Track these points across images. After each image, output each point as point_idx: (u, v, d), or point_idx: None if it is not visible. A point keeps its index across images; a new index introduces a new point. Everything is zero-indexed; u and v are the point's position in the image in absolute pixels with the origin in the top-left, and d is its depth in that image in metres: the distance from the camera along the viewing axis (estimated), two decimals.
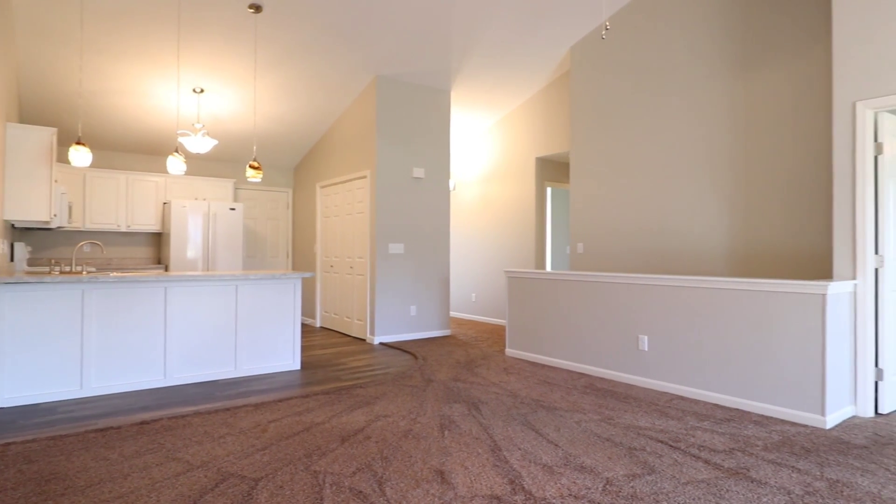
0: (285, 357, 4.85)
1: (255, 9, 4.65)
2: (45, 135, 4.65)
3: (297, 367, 4.90)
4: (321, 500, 2.29)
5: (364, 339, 6.45)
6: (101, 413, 3.52)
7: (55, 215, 5.71)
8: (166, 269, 7.00)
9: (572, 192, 6.17)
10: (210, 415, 3.47)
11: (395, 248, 6.35)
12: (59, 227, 6.36)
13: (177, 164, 4.97)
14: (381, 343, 6.20)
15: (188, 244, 7.02)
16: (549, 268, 7.82)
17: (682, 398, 3.91)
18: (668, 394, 4.03)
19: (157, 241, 7.52)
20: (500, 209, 7.93)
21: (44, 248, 6.76)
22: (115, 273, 4.35)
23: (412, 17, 5.14)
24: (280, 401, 3.79)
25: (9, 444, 2.91)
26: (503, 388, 4.18)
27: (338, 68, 5.92)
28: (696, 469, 2.63)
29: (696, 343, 3.93)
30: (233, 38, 5.11)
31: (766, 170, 4.52)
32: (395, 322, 6.37)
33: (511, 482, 2.47)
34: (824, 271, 4.16)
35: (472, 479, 2.50)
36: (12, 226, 5.48)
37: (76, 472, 2.56)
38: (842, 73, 3.63)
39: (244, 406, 3.66)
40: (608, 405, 3.72)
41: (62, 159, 6.70)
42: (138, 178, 7.10)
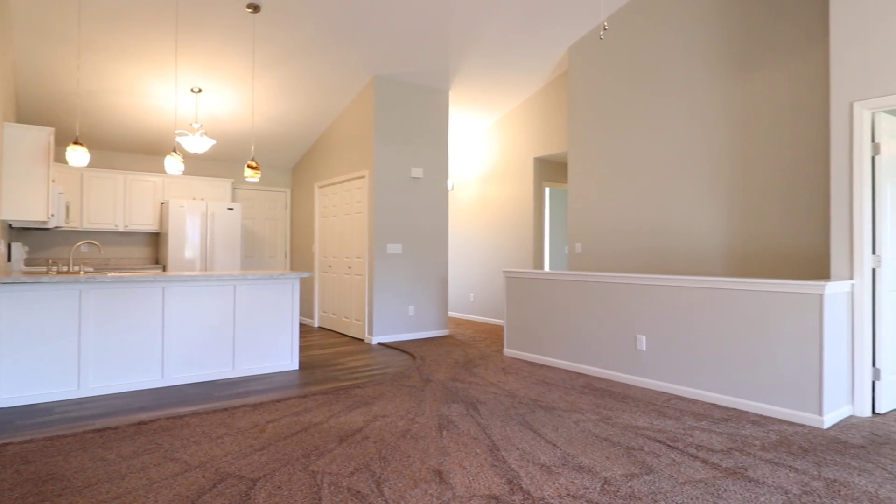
0: (283, 357, 4.85)
1: (254, 8, 4.65)
2: (43, 134, 4.64)
3: (296, 367, 4.90)
4: (319, 500, 2.29)
5: (362, 340, 6.45)
6: (98, 413, 3.52)
7: (52, 215, 5.70)
8: (164, 269, 6.99)
9: (570, 192, 6.18)
10: (208, 415, 3.46)
11: (394, 248, 6.35)
12: (56, 227, 6.35)
13: (175, 163, 4.96)
14: (379, 343, 6.20)
15: (186, 244, 7.01)
16: (547, 268, 7.82)
17: (680, 398, 3.92)
18: (666, 394, 4.04)
19: (155, 241, 7.51)
20: (498, 209, 7.93)
21: (41, 248, 6.75)
22: (112, 273, 4.34)
23: (410, 17, 5.14)
24: (278, 401, 3.79)
25: (6, 444, 2.90)
26: (501, 388, 4.18)
27: (336, 68, 5.92)
28: (693, 469, 2.64)
29: (694, 343, 3.94)
30: (231, 38, 5.10)
31: (764, 170, 4.53)
32: (394, 322, 6.37)
33: (509, 482, 2.47)
34: (822, 271, 4.17)
35: (471, 479, 2.51)
36: (9, 226, 5.47)
37: (74, 472, 2.56)
38: (839, 74, 3.64)
39: (242, 406, 3.66)
40: (606, 405, 3.73)
41: (59, 159, 6.69)
42: (136, 177, 7.08)
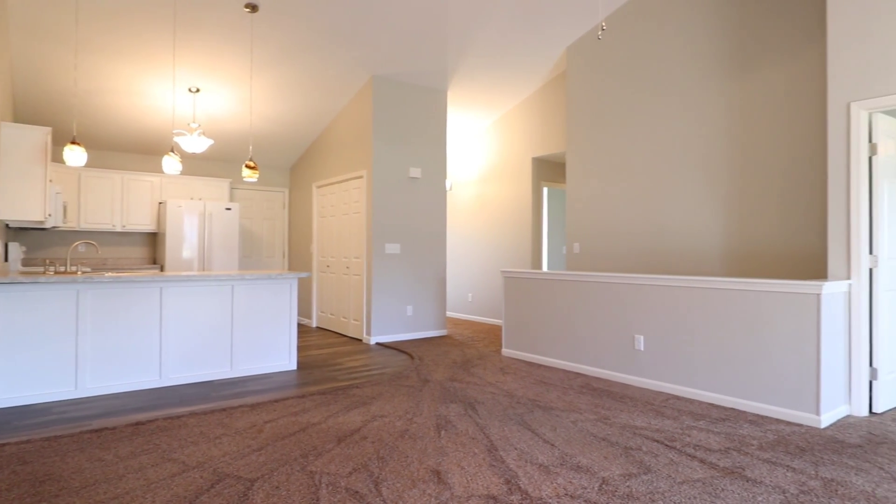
0: (281, 357, 4.84)
1: (251, 8, 4.64)
2: (40, 134, 4.63)
3: (294, 367, 4.89)
4: (317, 500, 2.28)
5: (360, 340, 6.44)
6: (96, 414, 3.51)
7: (50, 215, 5.68)
8: (162, 269, 6.98)
9: (568, 192, 6.18)
10: (206, 415, 3.46)
11: (392, 248, 6.34)
12: (53, 227, 6.33)
13: (172, 163, 4.95)
14: (377, 343, 6.20)
15: (184, 244, 7.00)
16: (545, 268, 7.83)
17: (678, 398, 3.92)
18: (663, 393, 4.04)
19: (153, 241, 7.50)
20: (496, 209, 7.93)
21: (38, 248, 6.73)
22: (110, 273, 4.33)
23: (408, 17, 5.14)
24: (276, 401, 3.79)
25: (3, 444, 2.90)
26: (499, 387, 4.18)
27: (334, 68, 5.91)
28: (691, 468, 2.64)
29: (692, 343, 3.94)
30: (229, 38, 5.09)
31: (761, 170, 4.54)
32: (392, 322, 6.36)
33: (507, 482, 2.47)
34: (819, 271, 4.18)
35: (469, 479, 2.51)
36: (7, 226, 5.45)
37: (71, 473, 2.55)
38: (836, 74, 3.65)
39: (240, 406, 3.65)
40: (604, 405, 3.73)
41: (57, 159, 6.67)
42: (134, 177, 7.07)
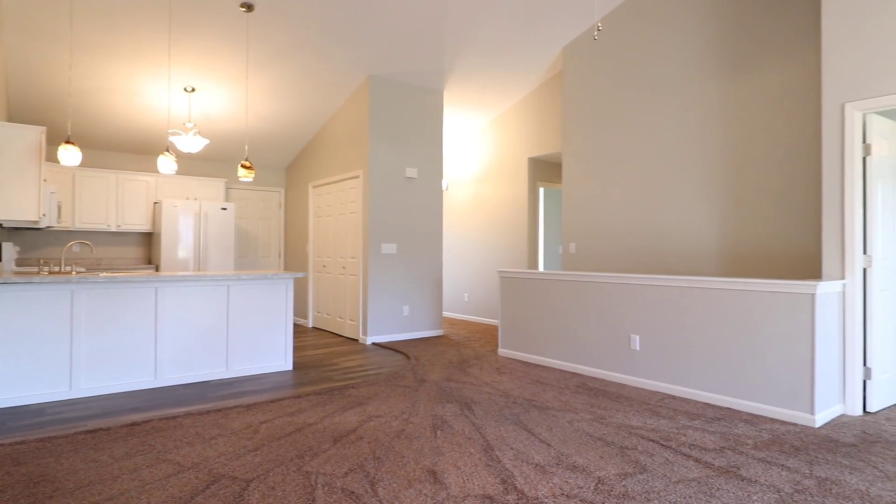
0: (277, 357, 4.83)
1: (247, 8, 4.63)
2: (34, 133, 4.60)
3: (290, 367, 4.88)
4: (313, 500, 2.28)
5: (356, 340, 6.44)
6: (90, 414, 3.49)
7: (44, 215, 5.65)
8: (157, 269, 6.95)
9: (565, 192, 6.19)
10: (201, 416, 3.45)
11: (388, 248, 6.34)
12: (48, 227, 6.30)
13: (168, 163, 4.93)
14: (373, 343, 6.19)
15: (179, 244, 6.98)
16: (541, 268, 7.84)
17: (674, 397, 3.94)
18: (659, 393, 4.05)
19: (148, 241, 7.47)
20: (492, 209, 7.94)
21: (33, 248, 6.70)
22: (104, 273, 4.32)
23: (405, 17, 5.13)
24: (272, 401, 3.78)
25: None
26: (496, 387, 4.19)
27: (330, 68, 5.90)
28: (687, 468, 2.65)
29: (688, 342, 3.95)
30: (224, 37, 5.08)
31: (757, 170, 4.56)
32: (388, 322, 6.36)
33: (503, 482, 2.47)
34: (814, 271, 4.20)
35: (465, 478, 2.51)
36: (1, 225, 5.42)
37: (65, 474, 2.54)
38: (831, 75, 3.67)
39: (236, 407, 3.64)
40: (600, 404, 3.74)
41: (51, 158, 6.64)
42: (129, 177, 7.04)
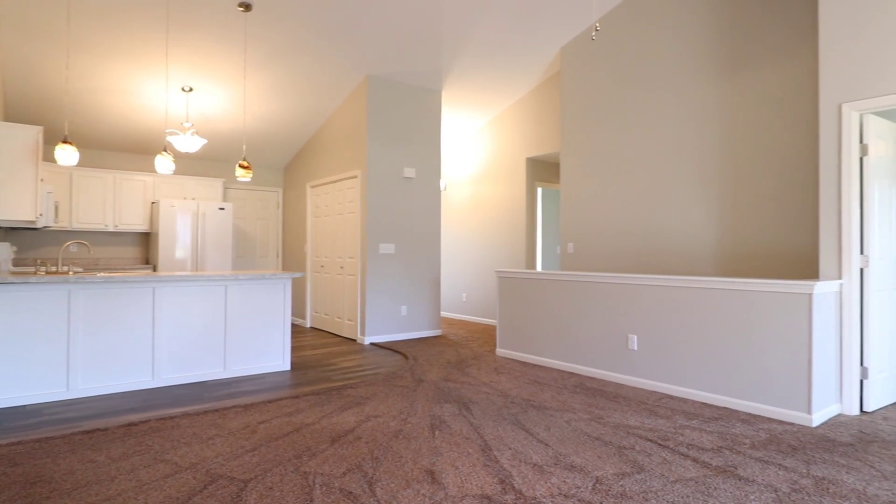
0: (275, 358, 4.82)
1: (245, 7, 4.62)
2: (31, 133, 4.59)
3: (287, 367, 4.88)
4: (311, 501, 2.28)
5: (354, 340, 6.43)
6: (87, 415, 3.49)
7: (41, 215, 5.64)
8: (154, 269, 6.94)
9: (562, 192, 6.20)
10: (199, 416, 3.44)
11: (386, 248, 6.34)
12: (45, 227, 6.28)
13: (165, 163, 4.92)
14: (371, 343, 6.19)
15: (177, 244, 6.96)
16: (539, 268, 7.84)
17: (671, 397, 3.94)
18: (657, 393, 4.06)
19: (146, 241, 7.45)
20: (490, 209, 7.94)
21: (29, 248, 6.68)
22: (102, 273, 4.31)
23: (403, 17, 5.13)
24: (270, 402, 3.77)
25: None
26: (494, 387, 4.19)
27: (328, 68, 5.90)
28: (684, 467, 2.65)
29: (685, 342, 3.96)
30: (222, 37, 5.07)
31: (755, 170, 4.56)
32: (386, 322, 6.36)
33: (501, 482, 2.47)
34: (811, 271, 4.21)
35: (463, 478, 2.51)
36: None
37: (62, 474, 2.53)
38: (828, 76, 3.68)
39: (233, 407, 3.64)
40: (598, 404, 3.74)
41: (48, 158, 6.62)
42: (126, 177, 7.03)
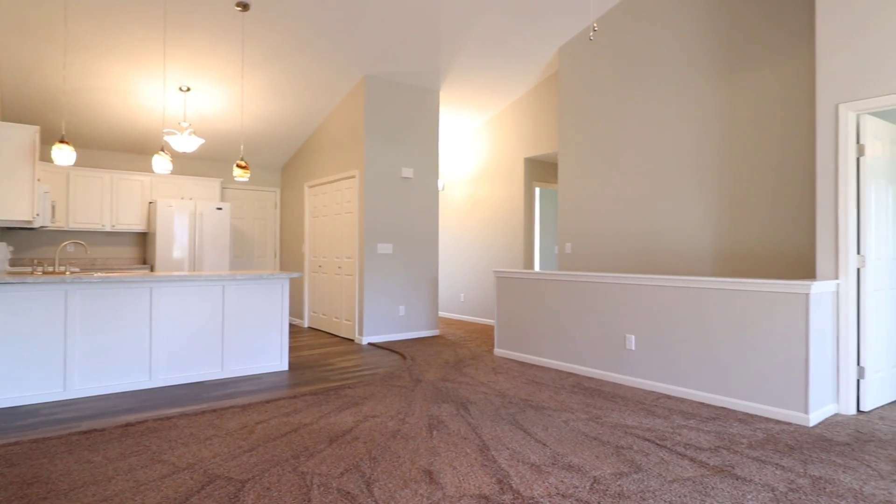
0: (273, 358, 4.82)
1: (243, 7, 4.62)
2: (28, 133, 4.58)
3: (285, 367, 4.87)
4: (309, 501, 2.28)
5: (352, 340, 6.43)
6: (84, 415, 3.48)
7: (38, 215, 5.62)
8: (152, 269, 6.92)
9: (560, 192, 6.20)
10: (196, 416, 3.43)
11: (384, 248, 6.33)
12: (41, 227, 6.27)
13: (163, 163, 4.91)
14: (369, 343, 6.18)
15: (174, 244, 6.95)
16: (537, 268, 7.84)
17: (669, 397, 3.95)
18: (654, 392, 4.07)
19: (143, 241, 7.44)
20: (488, 209, 7.94)
21: (26, 248, 6.66)
22: (99, 273, 4.29)
23: (401, 17, 5.13)
24: (267, 402, 3.77)
25: None
26: (492, 387, 4.19)
27: (326, 68, 5.89)
28: (682, 467, 2.66)
29: (683, 342, 3.97)
30: (220, 37, 5.06)
31: (752, 170, 4.57)
32: (384, 322, 6.35)
33: (499, 482, 2.47)
34: (808, 271, 4.22)
35: (461, 478, 2.51)
36: None
37: (59, 475, 2.52)
38: (825, 76, 3.69)
39: (231, 407, 3.63)
40: (596, 404, 3.75)
41: (45, 158, 6.60)
42: (123, 177, 7.01)
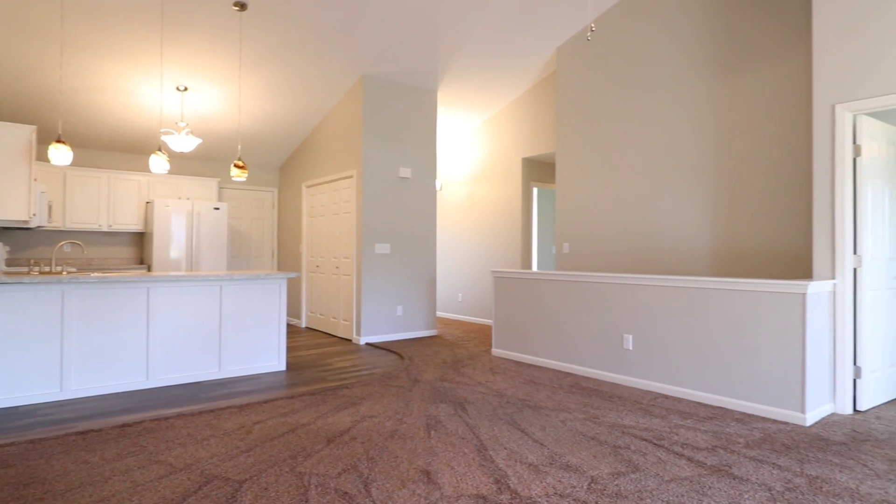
0: (270, 358, 4.81)
1: (240, 7, 4.61)
2: (25, 132, 4.57)
3: (283, 367, 4.87)
4: (306, 501, 2.27)
5: (350, 340, 6.42)
6: (81, 416, 3.47)
7: (34, 214, 5.61)
8: (149, 269, 6.91)
9: (558, 192, 6.21)
10: (193, 416, 3.43)
11: (382, 248, 6.33)
12: (38, 227, 6.25)
13: (160, 162, 4.90)
14: (367, 343, 6.18)
15: (171, 244, 6.94)
16: (535, 268, 7.85)
17: (666, 396, 3.95)
18: (652, 392, 4.07)
19: (140, 240, 7.42)
20: (486, 209, 7.95)
21: (23, 248, 6.64)
22: (96, 273, 4.28)
23: (399, 17, 5.13)
24: (265, 402, 3.76)
25: None
26: (489, 387, 4.19)
27: (324, 67, 5.89)
28: (679, 467, 2.66)
29: (680, 342, 3.97)
30: (217, 36, 5.05)
31: (749, 170, 4.58)
32: (382, 322, 6.35)
33: (497, 482, 2.47)
34: (805, 271, 4.23)
35: (458, 478, 2.51)
36: None
37: (56, 475, 2.52)
38: (821, 77, 3.70)
39: (228, 407, 3.63)
40: (593, 404, 3.75)
41: (42, 157, 6.58)
42: (120, 176, 6.99)
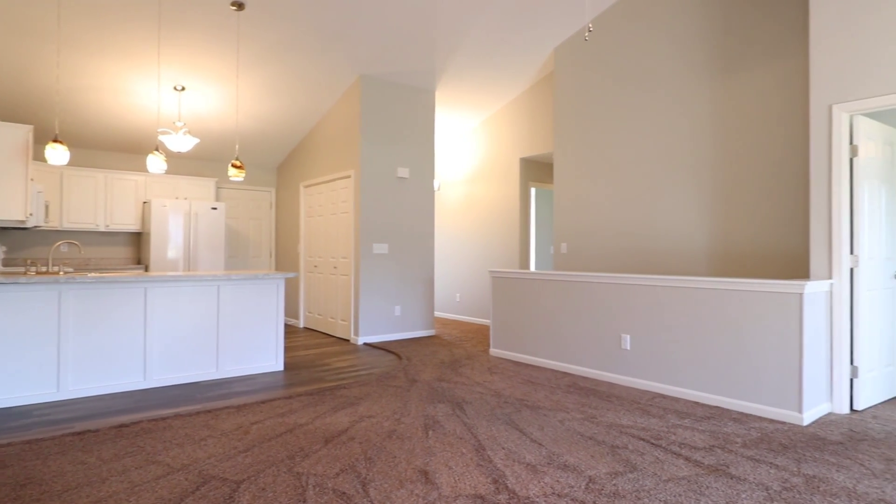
0: (268, 358, 4.81)
1: (238, 6, 4.60)
2: (21, 132, 4.55)
3: (280, 368, 4.86)
4: (304, 501, 2.27)
5: (348, 340, 6.42)
6: (78, 416, 3.46)
7: (31, 214, 5.59)
8: (146, 269, 6.89)
9: (556, 192, 6.21)
10: (191, 417, 3.42)
11: (380, 248, 6.33)
12: (35, 227, 6.23)
13: (157, 162, 4.89)
14: (365, 343, 6.18)
15: (169, 244, 6.92)
16: (532, 268, 7.86)
17: (664, 396, 3.96)
18: (649, 392, 4.08)
19: (137, 240, 7.40)
20: (484, 209, 7.95)
21: (19, 247, 6.62)
22: (93, 273, 4.27)
23: (396, 17, 5.13)
24: (263, 402, 3.76)
25: None
26: (487, 387, 4.19)
27: (321, 67, 5.88)
28: (676, 466, 2.67)
29: (678, 342, 3.98)
30: (215, 36, 5.05)
31: (747, 170, 4.59)
32: (380, 322, 6.35)
33: (495, 481, 2.48)
34: (802, 271, 4.25)
35: (456, 478, 2.51)
36: None
37: (52, 476, 2.51)
38: (818, 77, 3.71)
39: (226, 408, 3.62)
40: (591, 404, 3.75)
41: (38, 157, 6.56)
42: (117, 176, 6.98)
